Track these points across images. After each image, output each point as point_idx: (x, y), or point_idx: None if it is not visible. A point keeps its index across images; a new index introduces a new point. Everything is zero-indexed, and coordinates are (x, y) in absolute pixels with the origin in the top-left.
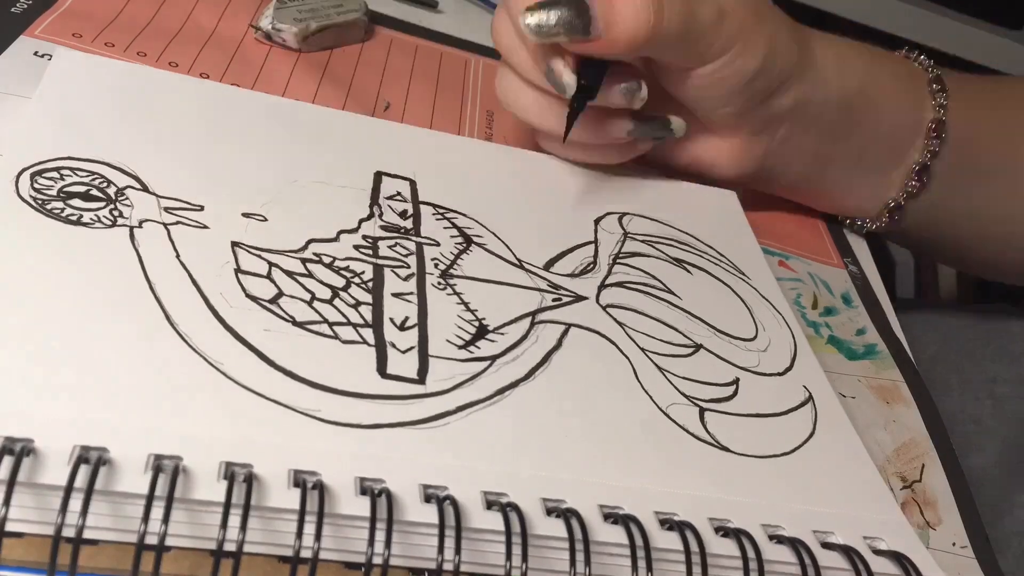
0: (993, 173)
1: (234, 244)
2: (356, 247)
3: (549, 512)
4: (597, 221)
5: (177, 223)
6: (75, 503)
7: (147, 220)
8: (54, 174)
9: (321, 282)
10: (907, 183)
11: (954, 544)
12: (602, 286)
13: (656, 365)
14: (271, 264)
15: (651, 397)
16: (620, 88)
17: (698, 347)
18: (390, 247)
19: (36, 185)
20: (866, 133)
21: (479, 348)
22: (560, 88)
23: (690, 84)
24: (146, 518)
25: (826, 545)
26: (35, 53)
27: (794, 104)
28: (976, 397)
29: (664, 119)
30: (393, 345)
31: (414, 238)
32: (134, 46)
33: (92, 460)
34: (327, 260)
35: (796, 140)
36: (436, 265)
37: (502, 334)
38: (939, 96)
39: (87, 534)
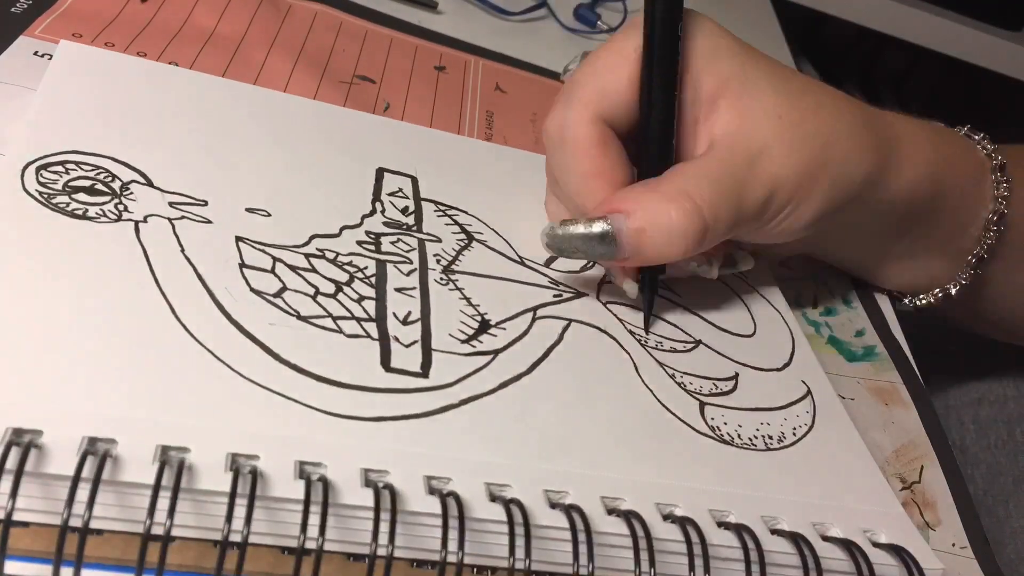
0: None
1: (238, 239)
2: (359, 243)
3: (553, 506)
4: None
5: (182, 218)
6: (82, 494)
7: (152, 215)
8: (59, 168)
9: (325, 277)
10: (961, 273)
11: (954, 544)
12: (602, 282)
13: (656, 360)
14: (275, 259)
15: (651, 391)
16: (690, 266)
17: (697, 343)
18: (392, 243)
19: (41, 179)
20: (927, 224)
21: (481, 342)
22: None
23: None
24: (152, 509)
25: (826, 538)
26: (35, 53)
27: (862, 205)
28: (960, 421)
29: (731, 258)
30: (397, 339)
31: (416, 234)
32: (134, 46)
33: (99, 452)
34: (330, 255)
35: (852, 230)
36: (438, 261)
37: (504, 329)
38: (1002, 187)
39: (94, 524)
